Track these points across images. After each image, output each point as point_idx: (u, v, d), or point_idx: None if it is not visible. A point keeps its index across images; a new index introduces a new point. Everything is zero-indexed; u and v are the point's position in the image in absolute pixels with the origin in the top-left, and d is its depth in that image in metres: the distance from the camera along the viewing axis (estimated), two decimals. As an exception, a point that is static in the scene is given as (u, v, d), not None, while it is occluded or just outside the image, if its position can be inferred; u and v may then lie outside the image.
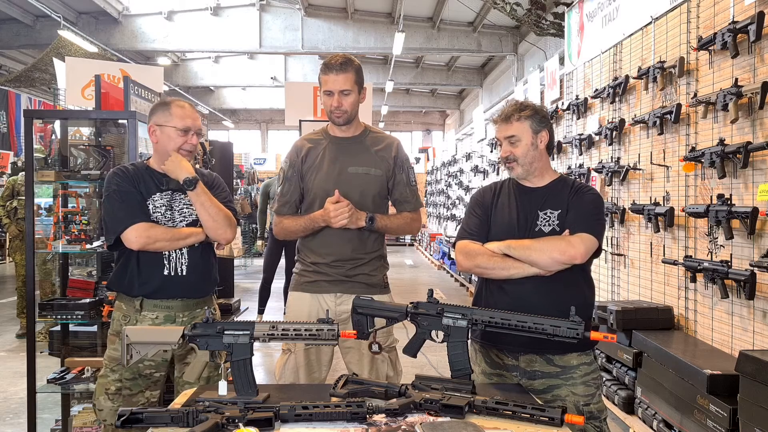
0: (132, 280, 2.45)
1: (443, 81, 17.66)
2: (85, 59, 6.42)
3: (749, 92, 3.22)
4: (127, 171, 2.51)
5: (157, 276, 2.45)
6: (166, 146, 2.48)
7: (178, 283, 2.47)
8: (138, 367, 2.43)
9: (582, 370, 2.23)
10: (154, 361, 2.45)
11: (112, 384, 2.45)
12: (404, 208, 2.71)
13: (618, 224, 4.85)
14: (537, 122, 2.27)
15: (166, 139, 2.47)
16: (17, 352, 5.91)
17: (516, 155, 2.27)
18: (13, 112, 13.20)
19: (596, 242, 2.20)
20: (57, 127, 3.75)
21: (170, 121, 2.46)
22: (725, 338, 3.52)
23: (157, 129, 2.48)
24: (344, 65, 2.55)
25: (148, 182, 2.49)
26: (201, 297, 2.56)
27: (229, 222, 2.53)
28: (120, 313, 2.50)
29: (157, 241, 2.41)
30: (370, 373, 2.58)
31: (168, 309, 2.47)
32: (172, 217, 2.49)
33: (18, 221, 6.91)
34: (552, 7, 9.19)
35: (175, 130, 2.46)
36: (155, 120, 2.49)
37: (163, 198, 2.49)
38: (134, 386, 2.46)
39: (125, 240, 2.40)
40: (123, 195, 2.43)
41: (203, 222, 2.48)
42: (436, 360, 4.91)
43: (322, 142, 2.68)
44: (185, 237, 2.46)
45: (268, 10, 13.42)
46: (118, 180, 2.47)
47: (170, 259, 2.46)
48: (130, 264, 2.46)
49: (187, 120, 2.48)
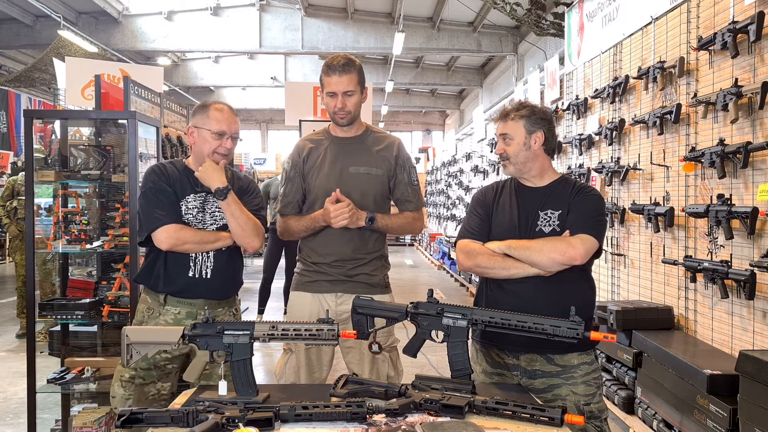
0: (158, 277, 2.49)
1: (443, 81, 17.67)
2: (85, 59, 6.43)
3: (749, 92, 3.22)
4: (164, 169, 2.54)
5: (182, 277, 2.48)
6: (201, 148, 2.51)
7: (202, 285, 2.50)
8: (154, 358, 2.45)
9: (583, 369, 2.23)
10: (171, 354, 2.47)
11: (127, 371, 2.46)
12: (406, 208, 2.71)
13: (618, 224, 4.85)
14: (532, 123, 2.27)
15: (201, 142, 2.50)
16: (17, 352, 5.91)
17: (508, 153, 2.29)
18: (13, 112, 13.21)
19: (596, 243, 2.20)
20: (57, 127, 3.75)
21: (206, 123, 2.49)
22: (725, 338, 3.52)
23: (195, 131, 2.52)
24: (347, 66, 2.54)
25: (183, 182, 2.51)
26: (224, 299, 2.60)
27: (257, 231, 2.54)
28: (145, 305, 2.54)
29: (185, 243, 2.44)
30: (371, 373, 2.58)
31: (190, 306, 2.50)
32: (203, 219, 2.51)
33: (18, 221, 6.91)
34: (552, 7, 9.19)
35: (210, 133, 2.48)
36: (194, 122, 2.52)
37: (197, 199, 2.52)
38: (147, 376, 2.48)
39: (155, 239, 2.43)
40: (158, 193, 2.46)
41: (231, 230, 2.50)
42: (436, 360, 4.91)
43: (324, 142, 2.68)
44: (213, 241, 2.49)
45: (268, 10, 13.43)
46: (155, 177, 2.50)
47: (196, 262, 2.49)
48: (158, 262, 2.49)
49: (222, 124, 2.49)
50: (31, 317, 3.34)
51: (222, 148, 2.50)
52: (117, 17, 12.75)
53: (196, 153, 2.54)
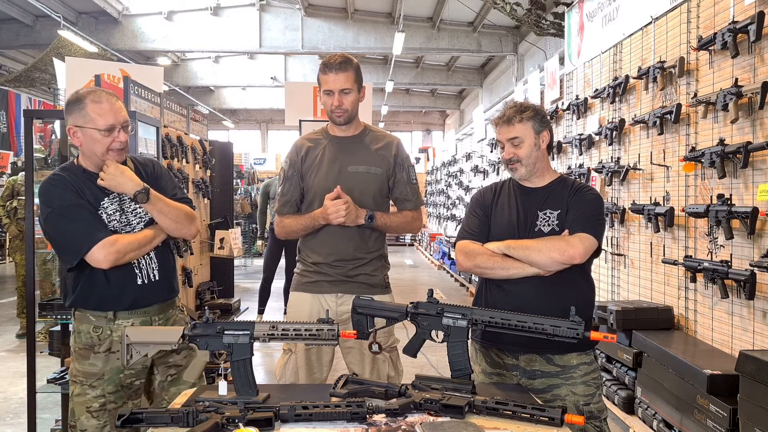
0: (102, 297, 2.24)
1: (443, 81, 17.67)
2: (85, 59, 6.42)
3: (749, 92, 3.21)
4: (65, 180, 2.22)
5: (131, 288, 2.26)
6: (91, 149, 2.21)
7: (152, 289, 2.31)
8: (119, 378, 2.28)
9: (582, 369, 2.23)
10: (134, 369, 2.29)
11: (94, 401, 2.25)
12: (405, 207, 2.72)
13: (618, 224, 4.85)
14: (539, 123, 2.28)
15: (90, 142, 2.20)
16: (17, 352, 5.91)
17: (519, 156, 2.27)
18: (13, 112, 13.20)
19: (595, 242, 2.21)
20: (57, 127, 3.76)
21: (89, 121, 2.17)
22: (725, 338, 3.52)
23: (78, 131, 2.19)
24: (344, 64, 2.55)
25: (91, 187, 2.22)
26: (173, 297, 2.43)
27: (190, 218, 2.34)
28: (88, 325, 2.26)
29: (127, 254, 2.19)
30: (372, 374, 2.58)
31: (144, 314, 2.31)
32: (127, 221, 2.27)
33: (18, 221, 6.91)
34: (552, 7, 9.19)
35: (98, 131, 2.18)
36: (72, 120, 2.19)
37: (113, 202, 2.26)
38: (118, 398, 2.28)
39: (92, 261, 2.15)
40: (72, 210, 2.17)
41: (164, 227, 2.29)
42: (436, 360, 4.91)
43: (322, 141, 2.68)
44: (151, 240, 2.27)
45: (268, 10, 13.43)
46: (59, 192, 2.19)
47: (141, 267, 2.28)
48: (96, 281, 2.22)
49: (108, 116, 2.17)
50: (31, 317, 3.34)
51: (116, 143, 2.20)
52: (117, 17, 12.75)
53: (87, 154, 2.24)
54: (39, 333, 5.39)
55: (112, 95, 2.23)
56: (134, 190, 2.20)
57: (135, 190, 2.20)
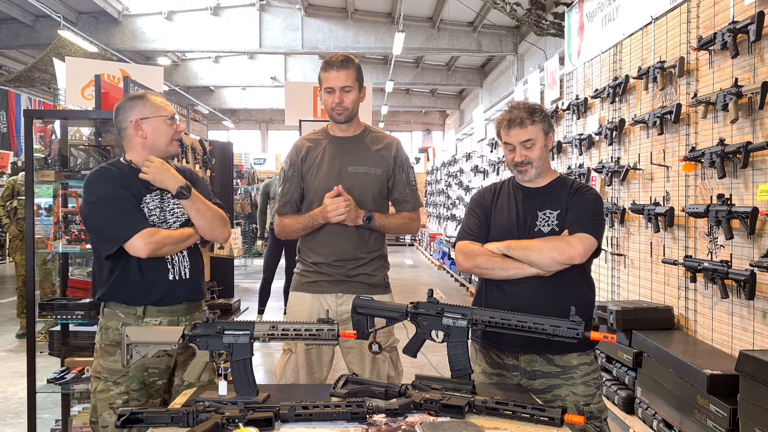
0: (134, 289, 2.30)
1: (443, 81, 17.66)
2: (85, 59, 6.42)
3: (749, 92, 3.22)
4: (112, 172, 2.33)
5: (163, 282, 2.32)
6: (157, 140, 2.35)
7: (182, 286, 2.37)
8: (143, 376, 2.31)
9: (582, 370, 2.23)
10: (158, 369, 2.34)
11: (118, 397, 2.28)
12: (404, 208, 2.72)
13: (618, 224, 4.85)
14: (548, 124, 2.30)
15: (156, 133, 2.34)
16: (17, 352, 5.91)
17: (531, 158, 2.26)
18: (13, 112, 13.20)
19: (595, 242, 2.21)
20: (57, 127, 3.75)
21: (156, 111, 2.34)
22: (725, 338, 3.52)
23: (142, 123, 2.32)
24: (345, 62, 2.56)
25: (136, 182, 2.31)
26: (200, 299, 2.49)
27: (224, 222, 2.45)
28: (117, 321, 2.32)
29: (164, 246, 2.27)
30: (372, 374, 2.58)
31: (172, 314, 2.35)
32: (165, 219, 2.35)
33: (18, 221, 6.91)
34: (552, 7, 9.19)
35: (164, 119, 2.34)
36: (137, 114, 2.33)
37: (154, 199, 2.34)
38: (141, 396, 2.32)
39: (131, 248, 2.23)
40: (117, 200, 2.26)
41: (199, 226, 2.38)
42: (436, 360, 4.91)
43: (322, 141, 2.68)
44: (186, 239, 2.35)
45: (268, 10, 13.42)
46: (106, 183, 2.29)
47: (174, 263, 2.35)
48: (130, 272, 2.29)
49: (169, 107, 2.39)
50: (31, 317, 3.33)
51: (177, 133, 2.39)
52: (117, 17, 12.75)
53: (151, 147, 2.35)
54: (39, 333, 5.38)
55: None
56: (177, 186, 2.31)
57: (178, 185, 2.31)
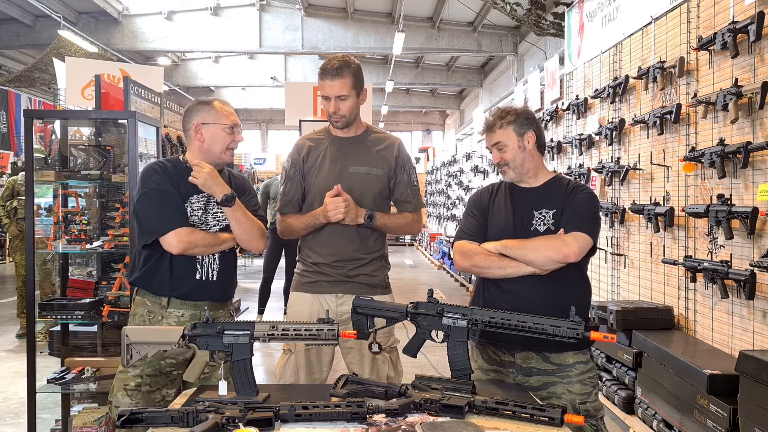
0: (163, 281, 2.41)
1: (443, 81, 17.66)
2: (85, 59, 6.43)
3: (749, 92, 3.22)
4: (166, 168, 2.43)
5: (189, 280, 2.41)
6: (213, 146, 2.44)
7: (207, 287, 2.45)
8: (160, 364, 2.39)
9: (578, 368, 2.24)
10: (176, 359, 2.41)
11: (132, 380, 2.38)
12: (405, 208, 2.71)
13: (618, 224, 4.85)
14: (520, 125, 2.31)
15: (214, 139, 2.43)
16: (17, 352, 5.91)
17: (506, 160, 2.32)
18: (13, 112, 13.21)
19: (590, 241, 2.22)
20: (57, 127, 3.75)
21: (218, 118, 2.43)
22: (725, 338, 3.52)
23: (203, 128, 2.43)
24: (340, 70, 2.52)
25: (186, 182, 2.40)
26: (226, 300, 2.57)
27: (261, 234, 2.52)
28: (143, 309, 2.44)
29: (196, 247, 2.37)
30: (371, 374, 2.58)
31: (194, 308, 2.44)
32: (206, 221, 2.44)
33: (18, 221, 6.91)
34: (552, 7, 9.19)
35: (224, 127, 2.43)
36: (199, 118, 2.44)
37: (200, 200, 2.44)
38: (154, 383, 2.40)
39: (165, 243, 2.34)
40: (164, 195, 2.37)
41: (236, 235, 2.46)
42: (436, 360, 4.91)
43: (324, 141, 2.68)
44: (220, 243, 2.44)
45: (268, 10, 13.42)
46: (158, 178, 2.39)
47: (203, 264, 2.43)
48: (161, 265, 2.40)
49: (233, 116, 2.47)
50: (31, 317, 3.34)
51: (234, 143, 2.47)
52: (117, 17, 12.75)
53: (206, 151, 2.45)
54: (39, 333, 5.38)
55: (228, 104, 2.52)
56: (222, 194, 2.39)
57: (223, 194, 2.39)
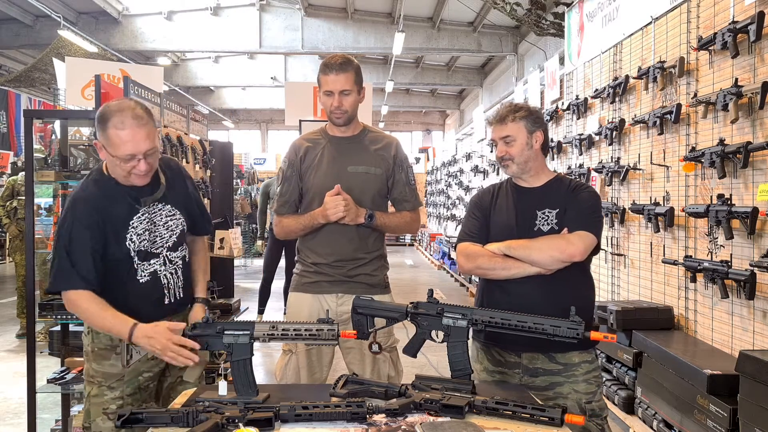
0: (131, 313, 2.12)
1: (443, 81, 17.65)
2: (85, 59, 6.43)
3: (749, 92, 3.22)
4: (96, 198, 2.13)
5: (159, 308, 2.25)
6: (113, 169, 2.14)
7: (176, 306, 2.32)
8: (138, 381, 2.28)
9: (584, 367, 2.24)
10: (152, 372, 2.30)
11: (112, 402, 2.22)
12: (403, 207, 2.72)
13: (618, 224, 4.85)
14: (532, 122, 2.30)
15: (111, 164, 2.12)
16: (17, 352, 5.91)
17: (512, 154, 2.30)
18: (13, 112, 13.19)
19: (595, 239, 2.22)
20: (57, 127, 3.76)
21: (109, 146, 2.05)
22: (725, 338, 3.52)
23: (102, 149, 2.09)
24: (344, 65, 2.54)
25: (121, 202, 2.15)
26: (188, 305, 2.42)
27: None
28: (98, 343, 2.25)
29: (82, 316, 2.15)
30: (372, 374, 2.58)
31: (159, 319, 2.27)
32: (159, 235, 2.24)
33: (18, 221, 6.91)
34: (552, 7, 9.19)
35: (119, 161, 2.06)
36: (100, 138, 2.08)
37: (143, 219, 2.19)
38: (135, 401, 2.27)
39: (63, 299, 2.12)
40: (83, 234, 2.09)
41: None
42: (436, 360, 4.90)
43: (321, 141, 2.68)
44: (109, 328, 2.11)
45: (268, 10, 13.42)
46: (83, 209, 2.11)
47: (169, 288, 2.28)
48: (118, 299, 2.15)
49: (127, 146, 2.02)
50: (31, 317, 3.33)
51: (137, 170, 2.08)
52: (117, 17, 12.74)
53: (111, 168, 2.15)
54: (39, 333, 5.38)
55: (141, 118, 2.04)
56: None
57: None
